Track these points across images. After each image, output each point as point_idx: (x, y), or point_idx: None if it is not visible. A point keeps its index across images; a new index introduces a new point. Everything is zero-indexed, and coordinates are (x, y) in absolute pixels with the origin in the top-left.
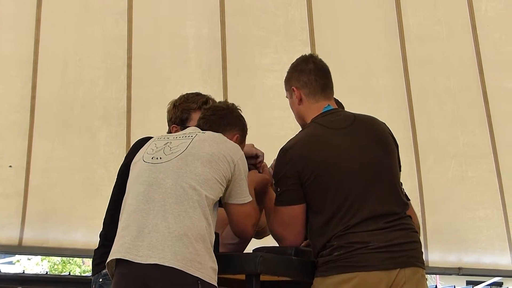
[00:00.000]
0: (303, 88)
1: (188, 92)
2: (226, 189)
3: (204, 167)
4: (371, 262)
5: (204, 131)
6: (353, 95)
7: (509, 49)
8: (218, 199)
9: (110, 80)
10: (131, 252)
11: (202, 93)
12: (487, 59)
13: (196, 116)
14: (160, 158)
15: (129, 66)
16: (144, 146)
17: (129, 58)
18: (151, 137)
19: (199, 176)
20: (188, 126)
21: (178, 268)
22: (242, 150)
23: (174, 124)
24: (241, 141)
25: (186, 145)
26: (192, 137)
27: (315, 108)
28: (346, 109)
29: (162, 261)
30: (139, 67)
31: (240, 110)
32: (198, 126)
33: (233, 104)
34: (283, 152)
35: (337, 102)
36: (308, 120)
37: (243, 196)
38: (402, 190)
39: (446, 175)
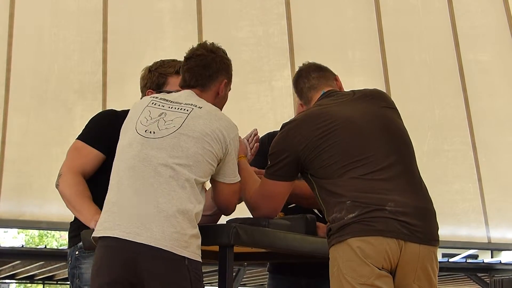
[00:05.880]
0: (301, 99)
1: (163, 59)
2: (216, 167)
3: (197, 148)
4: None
5: (200, 107)
6: (329, 67)
7: (485, 22)
8: (208, 179)
9: (86, 54)
10: (119, 229)
11: (178, 60)
12: (463, 32)
13: (172, 81)
14: (154, 132)
15: (104, 40)
16: (137, 110)
17: (105, 32)
18: (117, 113)
19: (190, 157)
20: (165, 91)
21: (165, 249)
22: (228, 92)
23: (149, 89)
24: (227, 84)
25: (181, 122)
26: (188, 112)
27: (313, 101)
28: None
29: (149, 241)
30: (114, 41)
31: (222, 49)
32: (183, 79)
33: (213, 44)
34: (282, 127)
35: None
36: None
37: (233, 175)
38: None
39: (421, 148)
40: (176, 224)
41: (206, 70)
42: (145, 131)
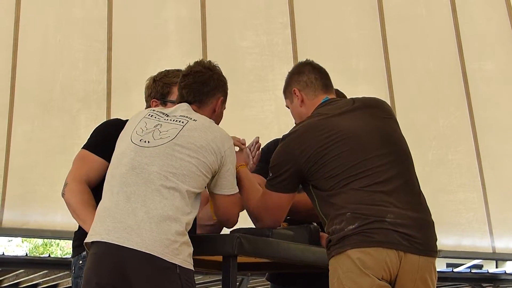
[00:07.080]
0: (304, 89)
1: (168, 69)
2: (212, 179)
3: (191, 158)
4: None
5: (195, 119)
6: (333, 77)
7: (489, 30)
8: (202, 190)
9: (90, 62)
10: (109, 234)
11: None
12: (467, 40)
13: (177, 90)
14: (148, 142)
15: (109, 49)
16: (134, 121)
17: (109, 40)
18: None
19: (184, 167)
20: (169, 101)
21: (156, 255)
22: (223, 110)
23: (154, 99)
24: (223, 101)
25: (176, 133)
26: (183, 125)
27: (315, 103)
28: None
29: (139, 246)
30: (119, 49)
31: (218, 67)
32: (181, 96)
33: (210, 62)
34: (282, 139)
35: (338, 92)
36: None
37: (230, 187)
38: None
39: (426, 157)
40: (166, 230)
41: (204, 86)
42: (140, 140)
